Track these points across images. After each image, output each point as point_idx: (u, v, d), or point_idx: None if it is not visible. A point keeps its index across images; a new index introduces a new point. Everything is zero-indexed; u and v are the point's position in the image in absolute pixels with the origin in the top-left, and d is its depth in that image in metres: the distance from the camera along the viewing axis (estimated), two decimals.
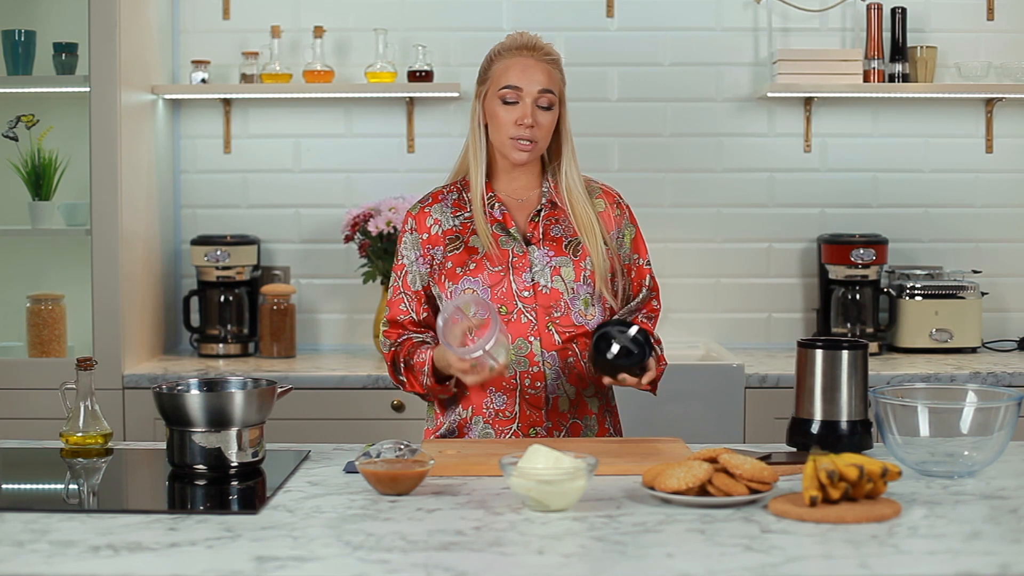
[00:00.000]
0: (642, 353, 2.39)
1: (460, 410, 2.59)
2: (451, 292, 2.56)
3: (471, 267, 2.56)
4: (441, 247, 2.60)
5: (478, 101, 2.61)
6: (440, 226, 2.61)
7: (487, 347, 2.31)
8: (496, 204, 2.61)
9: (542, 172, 2.66)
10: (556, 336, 2.56)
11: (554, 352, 2.55)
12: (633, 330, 2.40)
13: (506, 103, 2.54)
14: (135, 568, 1.69)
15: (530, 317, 2.54)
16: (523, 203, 2.64)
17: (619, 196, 2.71)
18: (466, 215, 2.62)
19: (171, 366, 3.87)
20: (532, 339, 2.54)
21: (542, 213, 2.62)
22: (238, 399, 2.22)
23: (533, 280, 2.56)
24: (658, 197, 4.25)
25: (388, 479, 2.06)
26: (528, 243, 2.59)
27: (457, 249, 2.59)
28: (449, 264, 2.58)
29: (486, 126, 2.60)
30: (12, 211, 4.04)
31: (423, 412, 3.63)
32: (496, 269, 2.56)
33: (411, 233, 2.63)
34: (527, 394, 2.55)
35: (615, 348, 2.38)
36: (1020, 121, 4.24)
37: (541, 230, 2.60)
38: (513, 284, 2.55)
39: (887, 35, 4.12)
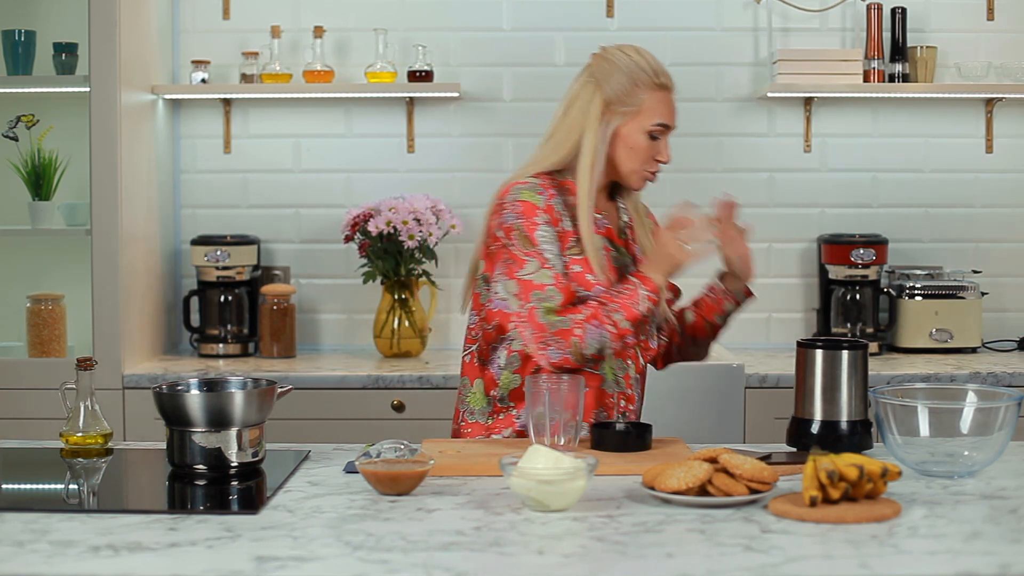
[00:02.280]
0: None
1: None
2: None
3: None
4: (562, 246, 2.54)
5: (615, 116, 2.56)
6: (562, 224, 2.55)
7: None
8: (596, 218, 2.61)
9: (608, 192, 2.68)
10: (641, 359, 2.66)
11: (637, 376, 2.65)
12: None
13: (653, 138, 2.58)
14: (135, 568, 1.69)
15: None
16: (602, 220, 2.64)
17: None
18: (570, 219, 2.57)
19: (171, 366, 3.87)
20: (629, 362, 2.62)
21: (627, 234, 2.67)
22: (238, 399, 2.22)
23: None
24: (658, 197, 4.23)
25: (388, 479, 2.06)
26: (635, 262, 2.63)
27: (578, 255, 2.54)
28: (576, 268, 2.52)
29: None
30: (12, 211, 4.05)
31: (423, 412, 3.64)
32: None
33: (547, 225, 2.52)
34: (626, 413, 2.61)
35: None
36: (1020, 121, 4.24)
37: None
38: None
39: (887, 35, 4.12)
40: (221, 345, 4.08)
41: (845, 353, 2.36)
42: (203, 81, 4.12)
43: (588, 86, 2.58)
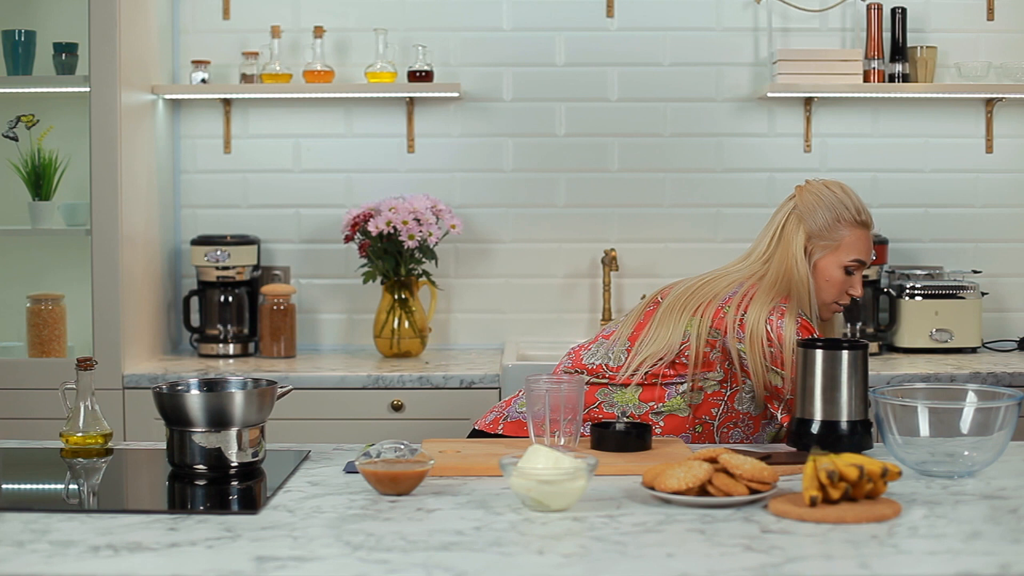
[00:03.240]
0: None
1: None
2: None
3: None
4: None
5: (816, 250, 2.74)
6: None
7: None
8: None
9: None
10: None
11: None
12: None
13: (848, 273, 2.76)
14: (135, 568, 1.69)
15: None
16: None
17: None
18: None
19: (171, 366, 3.87)
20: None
21: None
22: (238, 399, 2.22)
23: None
24: (658, 197, 4.25)
25: (388, 479, 2.06)
26: None
27: None
28: None
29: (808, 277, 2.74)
30: (12, 211, 4.04)
31: (423, 412, 3.64)
32: None
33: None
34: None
35: None
36: (1020, 121, 4.24)
37: None
38: None
39: (887, 35, 4.12)
40: (221, 345, 4.08)
41: (845, 353, 2.36)
42: (203, 81, 4.12)
43: (793, 218, 2.77)
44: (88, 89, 3.70)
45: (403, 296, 4.02)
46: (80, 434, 2.43)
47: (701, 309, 2.69)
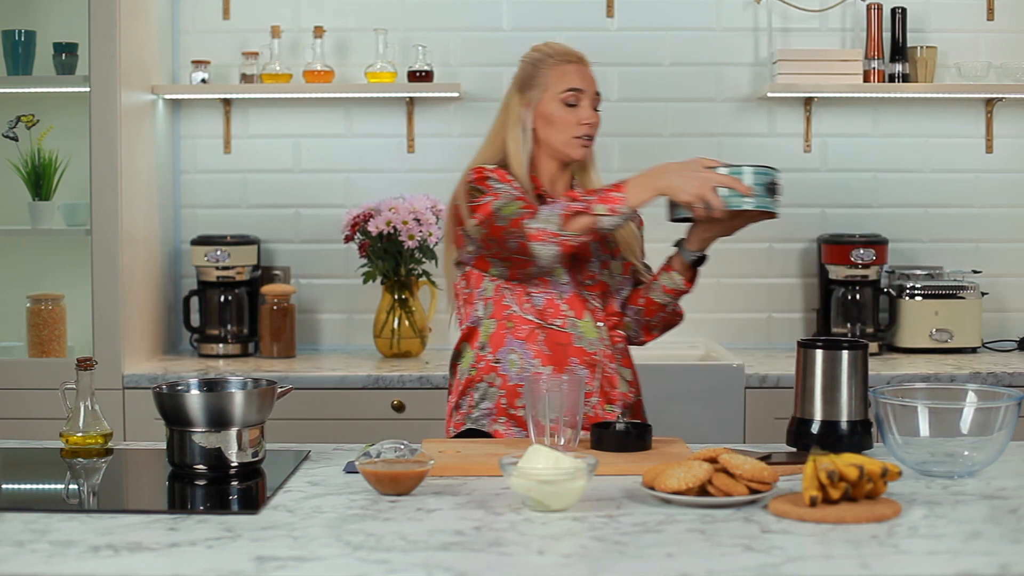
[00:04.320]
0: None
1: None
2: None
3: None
4: None
5: (526, 108, 2.73)
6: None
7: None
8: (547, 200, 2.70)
9: (571, 177, 2.80)
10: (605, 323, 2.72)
11: (620, 345, 2.74)
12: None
13: (568, 105, 2.69)
14: (135, 568, 1.69)
15: (596, 304, 2.70)
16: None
17: None
18: None
19: (171, 366, 3.87)
20: (600, 324, 2.69)
21: None
22: (238, 399, 2.22)
23: (591, 271, 2.71)
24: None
25: (388, 479, 2.06)
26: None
27: None
28: None
29: (534, 130, 2.72)
30: (12, 211, 4.05)
31: (423, 412, 3.64)
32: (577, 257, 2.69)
33: (500, 182, 2.66)
34: (606, 372, 2.68)
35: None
36: (1020, 121, 4.24)
37: None
38: (578, 274, 2.69)
39: (887, 35, 4.12)
40: (221, 345, 4.08)
41: (845, 353, 2.36)
42: (203, 81, 4.12)
43: (510, 90, 2.78)
44: (88, 89, 3.70)
45: (403, 296, 4.02)
46: (80, 434, 2.43)
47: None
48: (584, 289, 2.69)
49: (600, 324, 2.69)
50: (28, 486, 2.28)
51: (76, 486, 2.25)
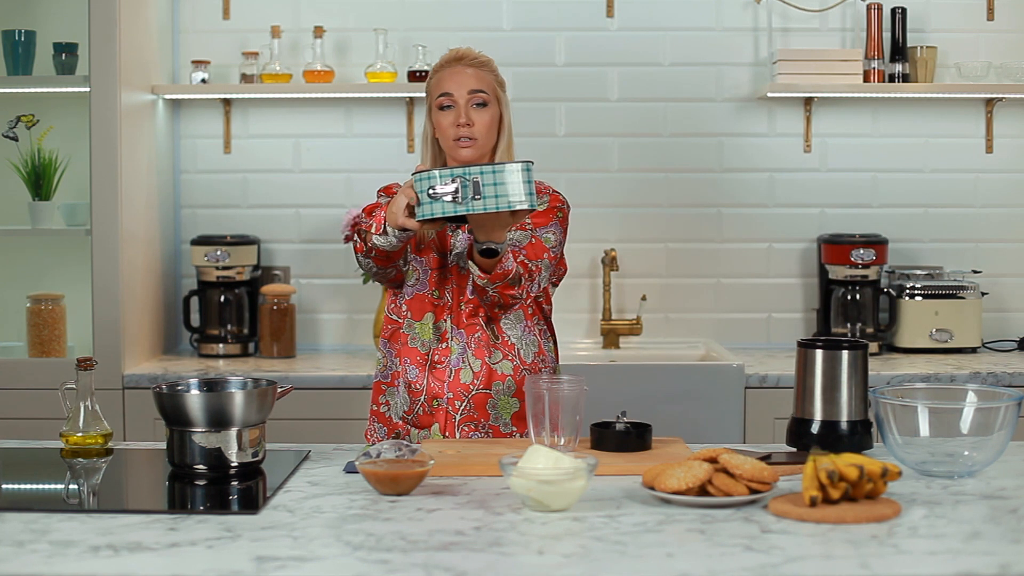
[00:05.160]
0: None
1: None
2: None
3: (420, 247, 2.76)
4: None
5: (428, 120, 2.80)
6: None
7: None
8: None
9: None
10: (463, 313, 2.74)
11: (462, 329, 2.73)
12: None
13: (443, 109, 2.74)
14: (135, 568, 1.69)
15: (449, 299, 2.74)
16: None
17: (565, 202, 2.83)
18: None
19: (171, 366, 3.87)
20: (440, 322, 2.72)
21: None
22: (238, 399, 2.22)
23: (454, 262, 2.75)
24: (658, 197, 4.25)
25: (388, 479, 2.06)
26: (457, 229, 2.76)
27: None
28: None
29: (436, 140, 2.80)
30: (12, 211, 4.05)
31: None
32: (437, 254, 2.76)
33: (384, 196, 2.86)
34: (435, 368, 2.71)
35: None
36: (1020, 121, 4.24)
37: None
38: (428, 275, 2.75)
39: (887, 35, 4.12)
40: (221, 345, 4.08)
41: (845, 353, 2.36)
42: (203, 81, 4.12)
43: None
44: (88, 89, 3.70)
45: None
46: (80, 434, 2.43)
47: None
48: (436, 288, 2.74)
49: (440, 322, 2.70)
50: (28, 486, 2.28)
51: (76, 486, 2.25)
